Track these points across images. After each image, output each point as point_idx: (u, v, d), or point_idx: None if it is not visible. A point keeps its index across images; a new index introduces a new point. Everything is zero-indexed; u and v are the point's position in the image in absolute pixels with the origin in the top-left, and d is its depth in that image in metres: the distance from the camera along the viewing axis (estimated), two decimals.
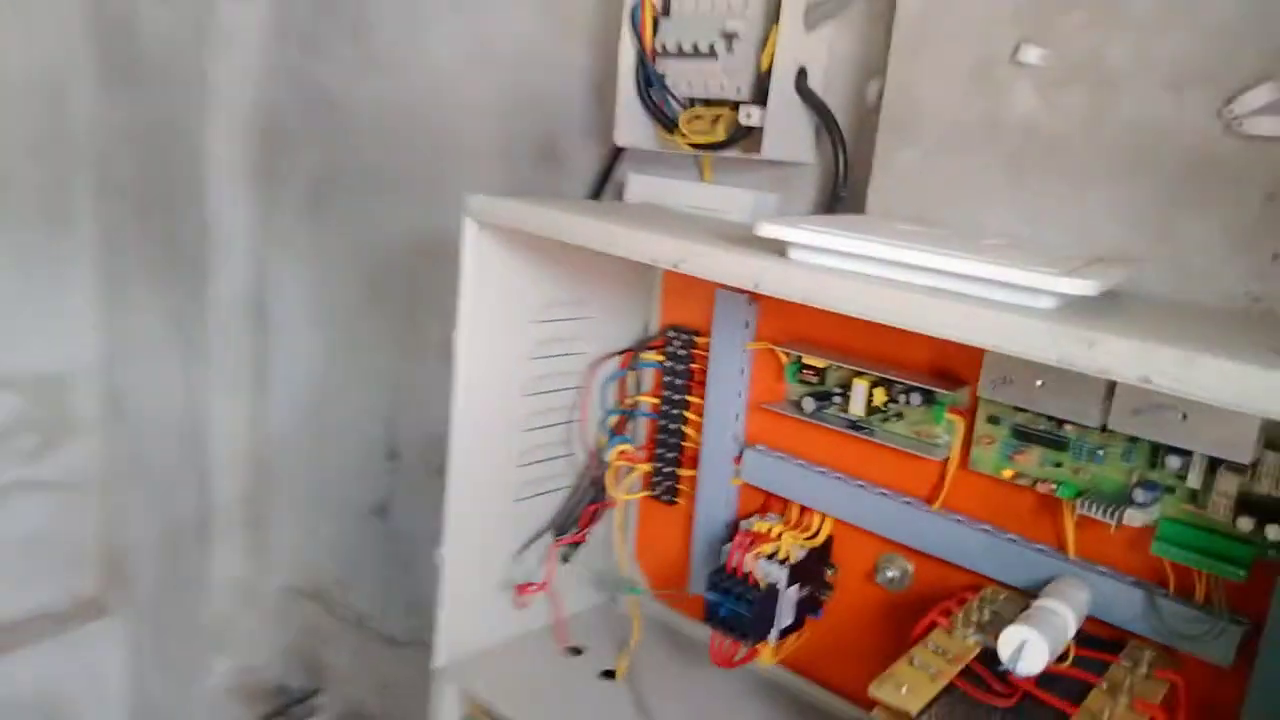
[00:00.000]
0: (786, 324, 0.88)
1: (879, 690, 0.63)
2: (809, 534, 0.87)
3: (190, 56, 1.49)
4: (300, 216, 1.54)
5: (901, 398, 0.80)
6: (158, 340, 1.68)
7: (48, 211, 1.67)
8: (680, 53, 0.89)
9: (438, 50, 1.30)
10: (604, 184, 1.05)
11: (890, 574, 0.85)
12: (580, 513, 0.97)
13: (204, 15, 1.47)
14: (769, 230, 0.61)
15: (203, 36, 1.47)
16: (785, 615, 0.85)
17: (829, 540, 0.88)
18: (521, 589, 0.95)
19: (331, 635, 1.64)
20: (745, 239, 0.65)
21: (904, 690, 0.63)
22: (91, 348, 1.77)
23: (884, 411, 0.81)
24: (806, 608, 0.88)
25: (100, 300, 1.76)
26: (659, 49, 0.91)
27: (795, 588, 0.85)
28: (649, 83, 0.92)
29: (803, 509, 0.88)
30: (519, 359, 0.91)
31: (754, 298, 0.88)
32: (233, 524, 1.69)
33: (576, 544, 0.97)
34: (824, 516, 0.87)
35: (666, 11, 0.91)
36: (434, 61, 1.31)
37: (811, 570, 0.87)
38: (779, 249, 0.62)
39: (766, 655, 0.89)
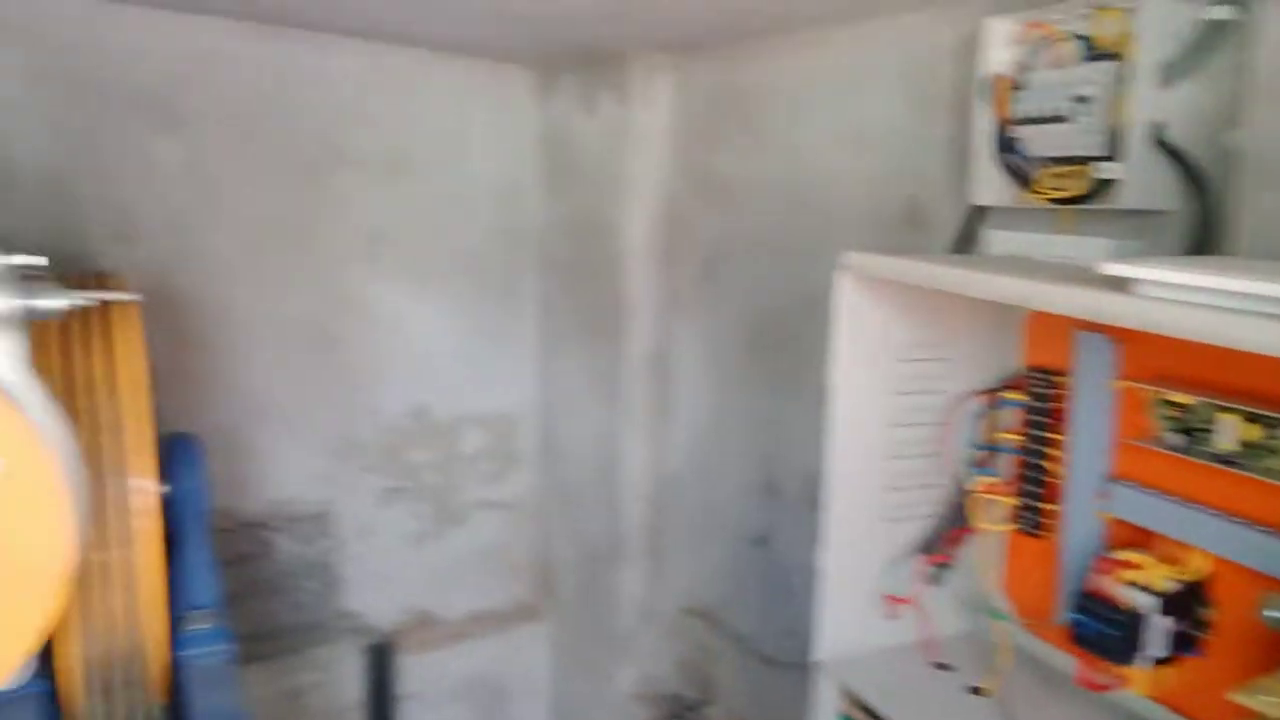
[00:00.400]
0: (1149, 362, 0.91)
1: (1240, 696, 0.66)
2: (1181, 569, 0.89)
3: (613, 159, 1.84)
4: (695, 283, 1.81)
5: (1278, 432, 0.80)
6: (582, 390, 2.04)
7: (506, 288, 2.13)
8: (1034, 119, 0.98)
9: (815, 134, 1.50)
10: (964, 241, 1.15)
11: (1276, 614, 0.84)
12: (944, 536, 1.07)
13: (623, 125, 1.81)
14: (1112, 269, 0.69)
15: (622, 143, 1.81)
16: (1154, 644, 0.87)
17: (1205, 576, 0.89)
18: (892, 600, 1.06)
19: (718, 652, 1.85)
20: (1092, 279, 0.73)
21: (1269, 699, 0.65)
22: (532, 394, 2.20)
23: (1258, 446, 0.82)
24: (1181, 643, 0.89)
25: (539, 356, 2.18)
26: (1013, 116, 1.01)
27: (1166, 619, 0.87)
28: (1005, 147, 1.02)
29: (1173, 544, 0.90)
30: (885, 394, 1.04)
31: (1114, 338, 0.93)
32: (638, 548, 1.98)
33: (941, 565, 1.07)
34: (1197, 552, 0.88)
35: (1020, 84, 1.01)
36: (812, 144, 1.51)
37: (1185, 605, 0.88)
38: (1123, 286, 0.69)
39: (1138, 684, 0.91)
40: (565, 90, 1.99)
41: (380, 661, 2.06)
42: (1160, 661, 0.88)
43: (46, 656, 1.19)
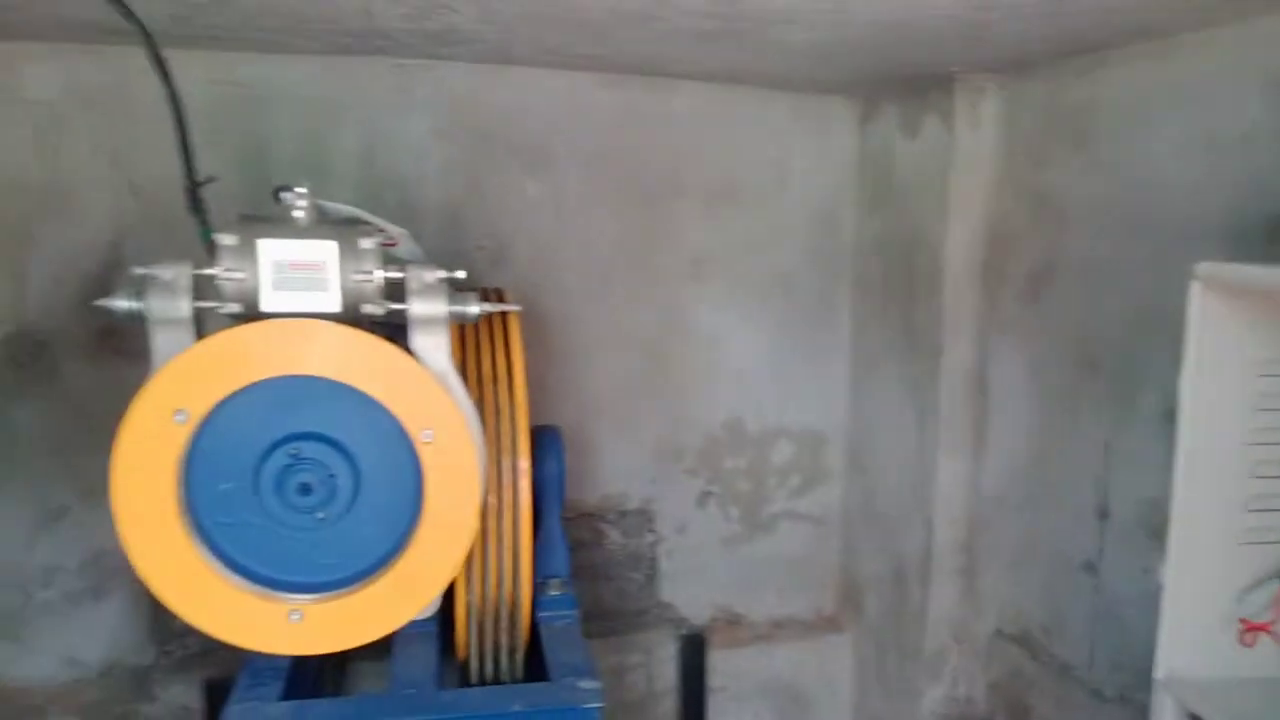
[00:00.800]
0: None
1: None
2: None
3: (935, 180, 1.88)
4: (1019, 301, 1.79)
5: None
6: (894, 406, 2.07)
7: (820, 307, 2.23)
8: None
9: (1157, 149, 1.45)
10: None
11: None
12: None
13: (947, 147, 1.84)
14: None
15: (945, 164, 1.84)
16: None
17: None
18: (1248, 626, 1.01)
19: (1035, 680, 1.80)
20: None
21: None
22: (843, 410, 2.27)
23: None
24: None
25: (851, 373, 2.25)
26: None
27: None
28: None
29: None
30: (1243, 410, 1.00)
31: None
32: (950, 567, 1.97)
33: None
34: None
35: None
36: (1153, 159, 1.46)
37: None
38: None
39: None
40: (885, 116, 2.05)
41: (693, 652, 2.22)
42: None
43: (445, 598, 1.45)
